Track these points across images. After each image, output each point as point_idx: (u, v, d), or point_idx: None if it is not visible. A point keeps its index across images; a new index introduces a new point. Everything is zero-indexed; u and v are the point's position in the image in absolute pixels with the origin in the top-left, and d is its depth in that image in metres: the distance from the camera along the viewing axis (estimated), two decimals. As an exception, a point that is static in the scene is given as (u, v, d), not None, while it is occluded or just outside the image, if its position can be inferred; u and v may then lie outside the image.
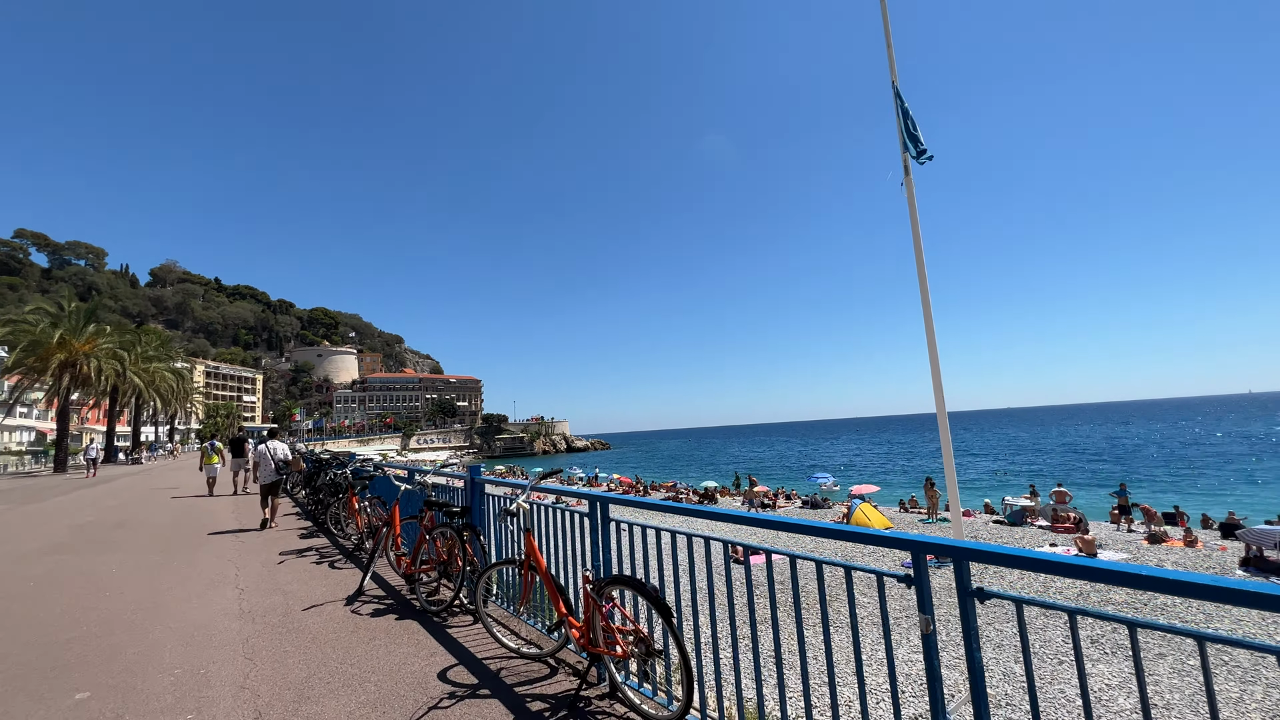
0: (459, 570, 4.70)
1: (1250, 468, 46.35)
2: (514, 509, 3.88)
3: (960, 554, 2.15)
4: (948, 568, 15.37)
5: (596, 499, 3.85)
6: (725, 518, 3.05)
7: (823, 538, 2.60)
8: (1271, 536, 14.13)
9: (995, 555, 2.13)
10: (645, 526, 3.82)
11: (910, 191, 5.81)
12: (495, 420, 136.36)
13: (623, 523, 3.95)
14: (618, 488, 40.73)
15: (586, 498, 3.88)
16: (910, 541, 2.33)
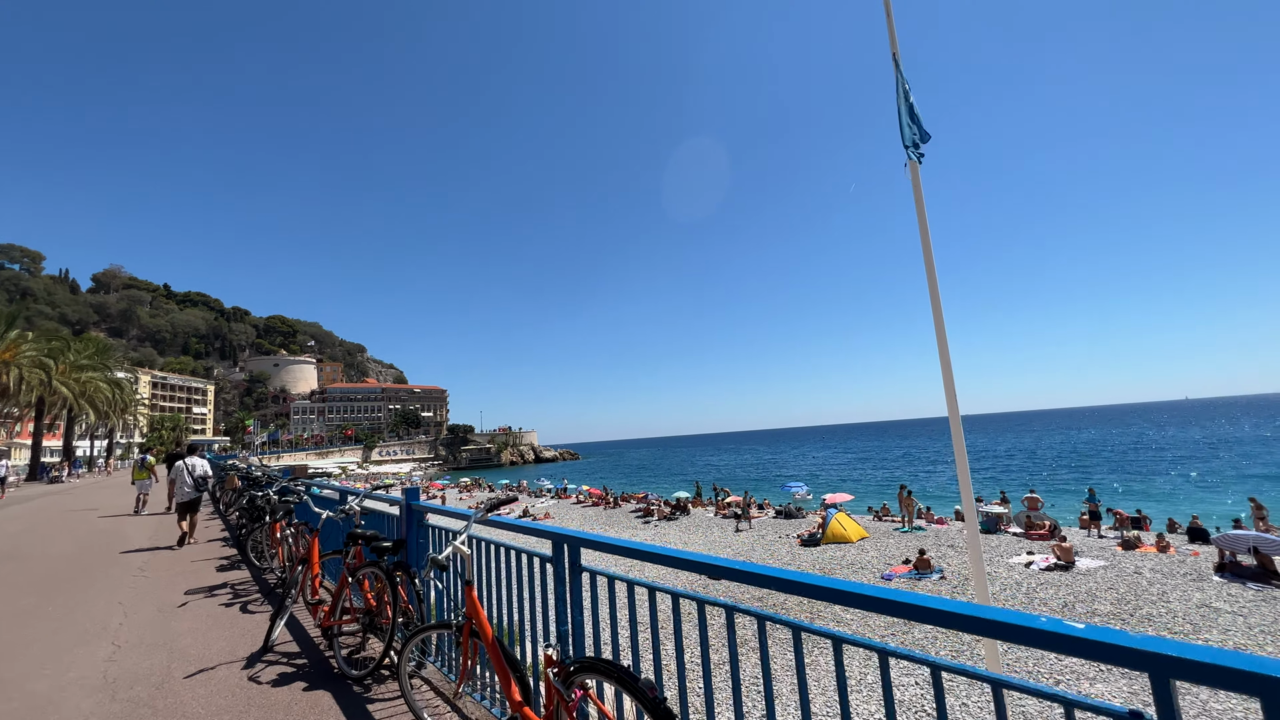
0: (388, 623, 3.70)
1: (1199, 470, 48.05)
2: (444, 559, 2.75)
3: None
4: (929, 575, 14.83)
5: (563, 540, 2.87)
6: (731, 574, 2.18)
7: (870, 611, 1.79)
8: (1245, 541, 14.07)
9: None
10: (631, 583, 2.81)
11: (915, 175, 5.10)
12: (461, 431, 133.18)
13: (598, 574, 2.94)
14: (587, 499, 39.62)
15: (550, 537, 2.92)
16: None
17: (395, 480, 75.01)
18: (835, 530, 20.47)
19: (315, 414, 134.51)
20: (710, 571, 2.04)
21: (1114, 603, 12.28)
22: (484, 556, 3.55)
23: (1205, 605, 11.80)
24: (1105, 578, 14.11)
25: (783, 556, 18.68)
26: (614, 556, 2.42)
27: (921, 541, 19.45)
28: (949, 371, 5.01)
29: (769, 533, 23.31)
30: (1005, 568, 15.48)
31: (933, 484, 49.48)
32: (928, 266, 5.09)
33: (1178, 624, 10.91)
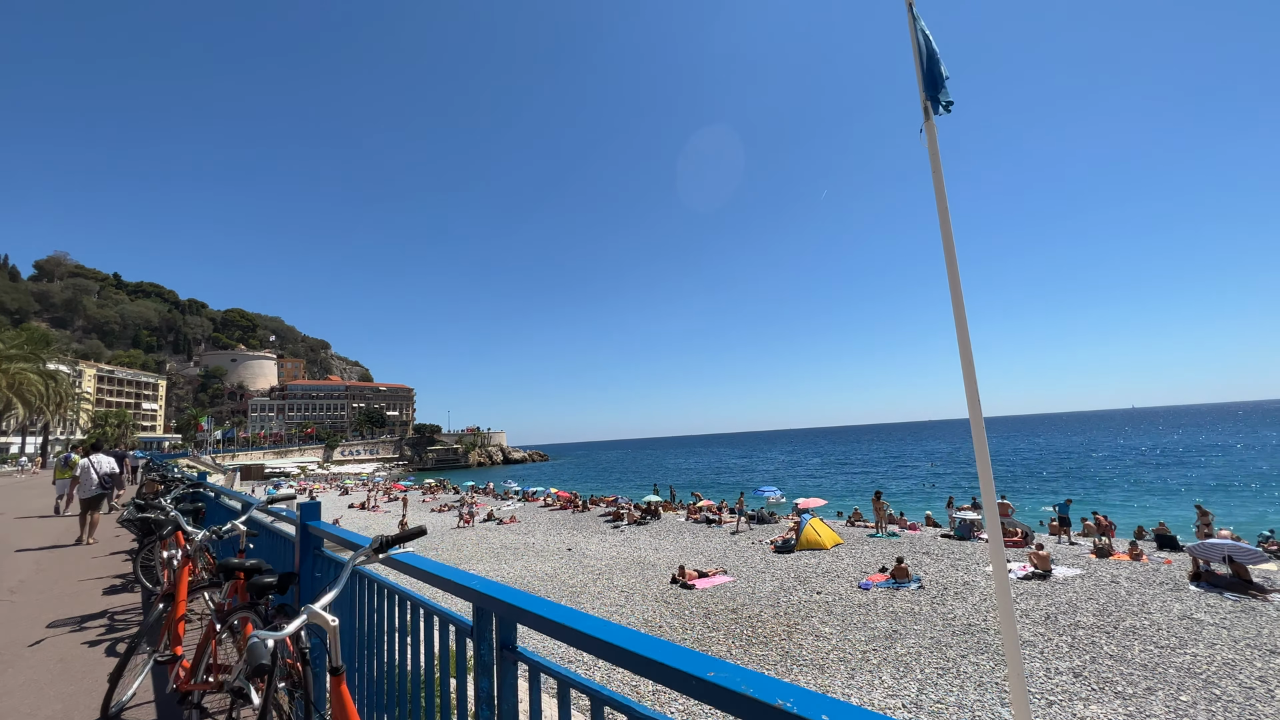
0: (263, 689, 2.55)
1: (1150, 477, 49.41)
2: (271, 646, 1.66)
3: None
4: (907, 588, 14.36)
5: (490, 605, 1.71)
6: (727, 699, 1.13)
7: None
8: (1220, 550, 13.94)
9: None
10: (596, 696, 1.40)
11: (932, 139, 4.36)
12: (428, 431, 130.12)
13: (541, 667, 1.67)
14: (555, 503, 38.53)
15: (471, 596, 1.78)
16: None
17: (356, 482, 72.51)
18: (810, 536, 19.93)
19: (275, 412, 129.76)
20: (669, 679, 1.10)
21: (1095, 614, 11.92)
22: (371, 618, 2.51)
23: (1187, 617, 11.51)
24: (1084, 587, 13.81)
25: (756, 564, 18.04)
26: (562, 634, 1.38)
27: (896, 548, 19.06)
28: (970, 368, 4.30)
29: (741, 538, 22.68)
30: (983, 576, 15.09)
31: (900, 488, 49.78)
32: (946, 244, 4.39)
33: (1162, 637, 10.56)
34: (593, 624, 1.31)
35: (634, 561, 19.49)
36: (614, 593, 15.60)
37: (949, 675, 9.37)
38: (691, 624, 12.62)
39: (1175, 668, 9.26)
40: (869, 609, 12.99)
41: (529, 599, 1.54)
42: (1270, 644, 9.99)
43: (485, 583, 1.75)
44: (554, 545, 23.54)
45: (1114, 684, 8.81)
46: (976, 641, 10.73)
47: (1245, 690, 8.43)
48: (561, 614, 1.40)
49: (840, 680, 9.38)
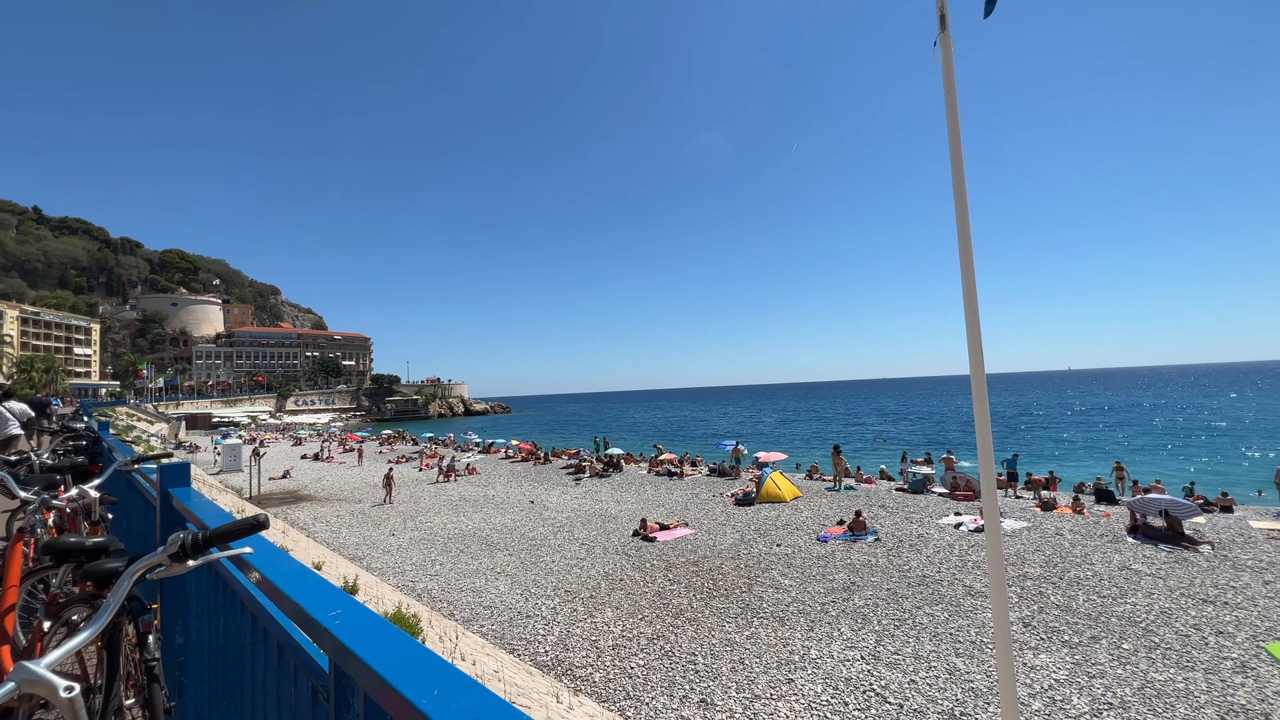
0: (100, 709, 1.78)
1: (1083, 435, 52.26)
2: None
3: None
4: (865, 539, 14.61)
5: (350, 668, 0.99)
6: None
7: None
8: (1156, 505, 14.59)
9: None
10: None
11: (946, 52, 3.80)
12: (386, 381, 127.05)
13: None
14: (516, 455, 38.18)
15: (328, 647, 1.09)
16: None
17: (311, 432, 70.46)
18: (770, 489, 20.15)
19: (222, 359, 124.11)
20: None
21: (1042, 565, 12.34)
22: (206, 642, 1.88)
23: (1126, 568, 12.01)
24: (1030, 539, 14.30)
25: (718, 516, 18.14)
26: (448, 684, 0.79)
27: (853, 501, 19.45)
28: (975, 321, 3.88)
29: (703, 491, 22.83)
30: (937, 529, 15.49)
31: (856, 442, 51.32)
32: (955, 172, 3.88)
33: (1104, 587, 10.98)
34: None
35: (595, 514, 19.37)
36: (575, 546, 15.44)
37: (905, 626, 9.51)
38: (653, 577, 12.54)
39: (1117, 617, 9.61)
40: (827, 561, 13.15)
41: (402, 650, 0.96)
42: (1202, 593, 10.48)
43: (351, 632, 1.05)
44: (515, 498, 23.24)
45: (1061, 633, 9.08)
46: (931, 593, 10.95)
47: (1181, 638, 8.80)
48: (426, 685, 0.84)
49: (800, 632, 9.41)
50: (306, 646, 1.33)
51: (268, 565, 1.39)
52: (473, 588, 12.33)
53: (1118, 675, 7.78)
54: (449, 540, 16.64)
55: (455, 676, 0.88)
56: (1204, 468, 33.17)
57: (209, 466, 35.80)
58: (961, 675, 7.91)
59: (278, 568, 1.37)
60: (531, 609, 10.93)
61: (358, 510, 21.71)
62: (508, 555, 14.80)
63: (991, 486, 3.89)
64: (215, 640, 1.94)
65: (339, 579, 9.90)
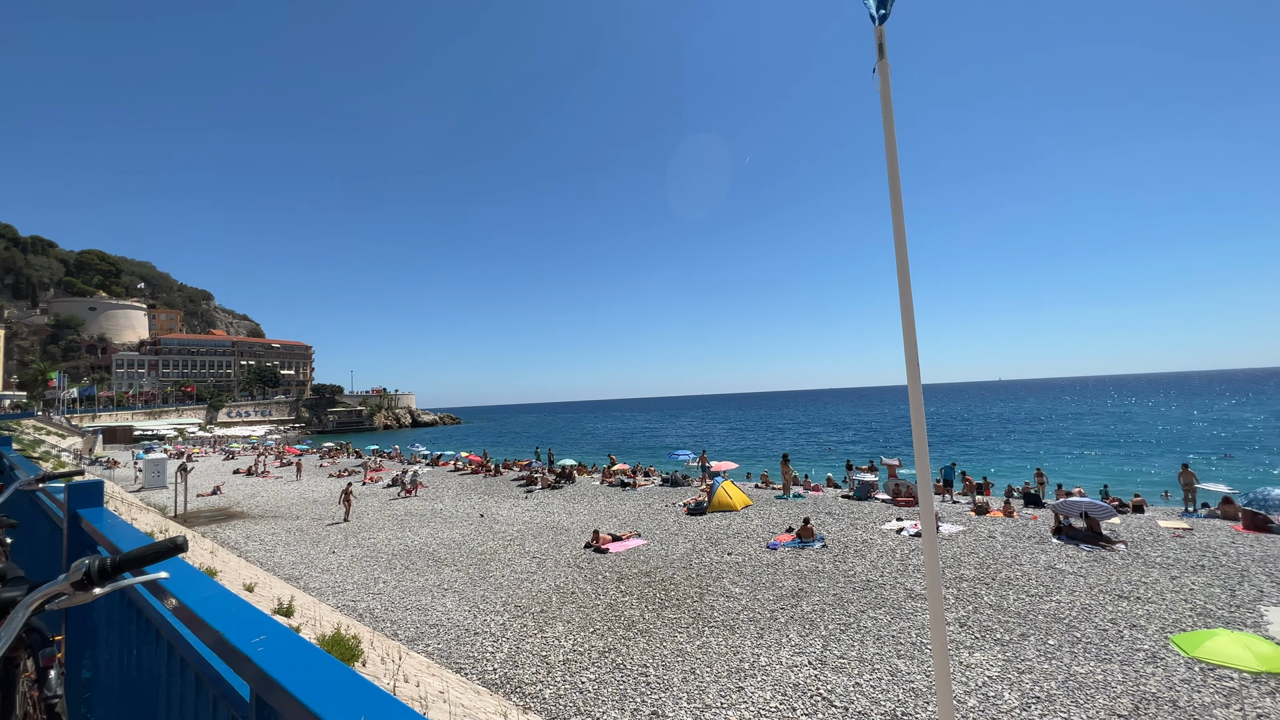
0: None
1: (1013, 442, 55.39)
2: None
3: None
4: (813, 546, 14.95)
5: (267, 706, 0.98)
6: None
7: None
8: (1077, 507, 15.57)
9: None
10: None
11: (884, 81, 3.99)
12: (328, 392, 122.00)
13: None
14: (466, 466, 37.27)
15: (250, 676, 1.00)
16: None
17: (245, 445, 66.78)
18: (721, 498, 20.39)
19: (145, 368, 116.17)
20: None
21: (976, 567, 12.93)
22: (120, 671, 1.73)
23: (1051, 567, 12.75)
24: (966, 543, 14.98)
25: (670, 526, 18.20)
26: None
27: (801, 509, 19.89)
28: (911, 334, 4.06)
29: (655, 501, 22.88)
30: (880, 534, 16.03)
31: (805, 451, 52.63)
32: (893, 195, 4.08)
33: (1032, 586, 11.60)
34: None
35: (547, 526, 19.11)
36: (525, 559, 15.16)
37: (850, 630, 9.77)
38: (605, 589, 12.45)
39: (1043, 614, 10.17)
40: (777, 568, 13.39)
41: (344, 688, 0.92)
42: (1118, 589, 11.23)
43: (287, 644, 1.02)
44: (464, 511, 22.66)
45: (993, 632, 9.53)
46: (875, 597, 11.30)
47: (1100, 632, 9.38)
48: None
49: (750, 640, 9.52)
50: (228, 676, 1.26)
51: (186, 590, 1.31)
52: (418, 605, 11.92)
53: (1044, 670, 8.21)
54: (393, 557, 16.05)
55: (385, 703, 0.86)
56: (1119, 472, 35.65)
57: (129, 484, 33.35)
58: (903, 676, 8.17)
59: (198, 593, 1.29)
60: (480, 626, 10.65)
61: (295, 527, 20.67)
62: (455, 571, 14.39)
63: (928, 493, 4.07)
64: (127, 673, 1.80)
65: (273, 601, 9.39)
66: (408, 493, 27.41)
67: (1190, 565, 12.48)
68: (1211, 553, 13.31)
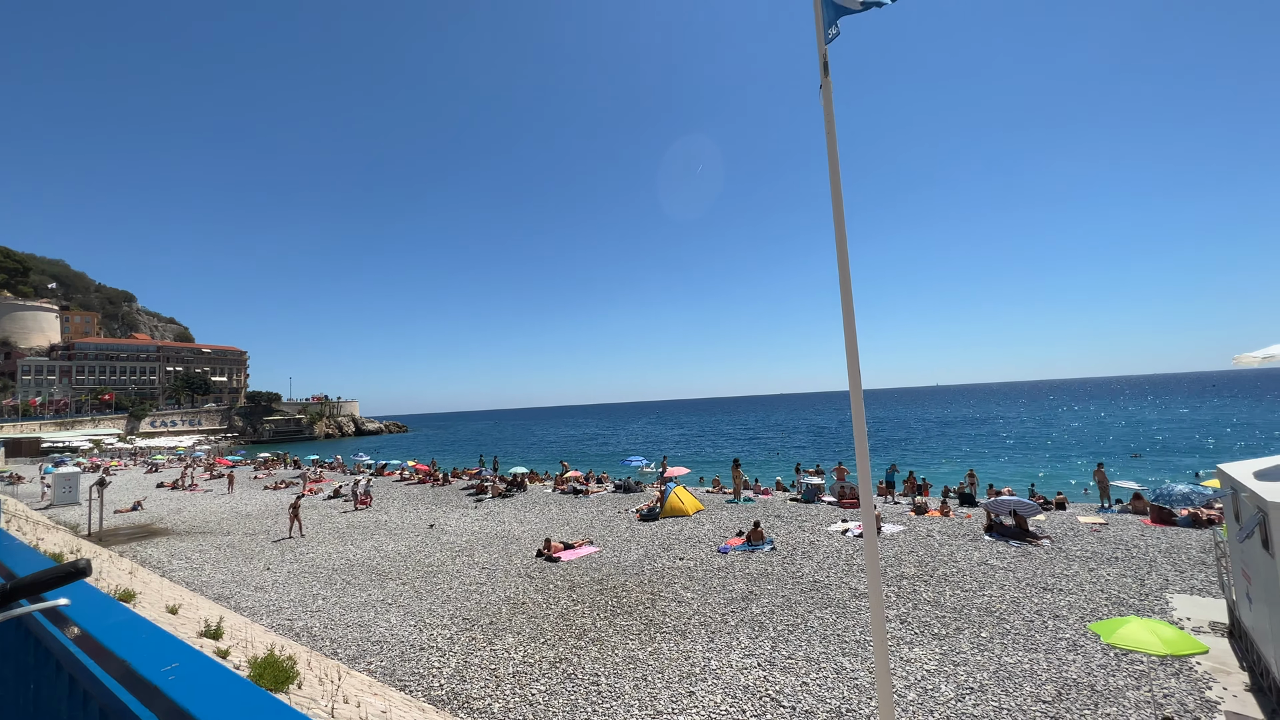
0: None
1: (949, 444, 58.15)
2: None
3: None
4: (761, 549, 15.22)
5: None
6: None
7: None
8: (1006, 505, 16.47)
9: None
10: None
11: (828, 98, 4.15)
12: (264, 399, 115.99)
13: None
14: (413, 476, 36.14)
15: (163, 711, 0.95)
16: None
17: (171, 457, 62.61)
18: (673, 504, 20.52)
19: (57, 374, 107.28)
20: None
21: (916, 565, 13.47)
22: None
23: (984, 563, 13.42)
24: (906, 542, 15.59)
25: (622, 533, 18.17)
26: None
27: (751, 513, 20.24)
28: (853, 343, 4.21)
29: (608, 508, 22.80)
30: (826, 536, 16.48)
31: (755, 457, 53.60)
32: (835, 209, 4.23)
33: (967, 582, 12.18)
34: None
35: (497, 536, 18.73)
36: (475, 570, 14.81)
37: (798, 631, 9.99)
38: (556, 598, 12.30)
39: (977, 608, 10.69)
40: (727, 572, 13.56)
41: (263, 717, 0.87)
42: (1043, 582, 11.93)
43: (202, 671, 0.95)
44: (410, 522, 21.94)
45: (932, 627, 9.94)
46: (821, 597, 11.61)
47: (1027, 623, 9.94)
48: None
49: (701, 644, 9.60)
50: (136, 709, 1.18)
51: (90, 617, 1.21)
52: (360, 622, 11.45)
53: (978, 661, 8.63)
54: (334, 572, 15.37)
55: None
56: (1045, 471, 37.92)
57: (35, 500, 30.72)
58: (848, 674, 8.41)
59: (103, 619, 1.20)
60: (426, 640, 10.32)
61: (227, 544, 19.50)
62: (400, 584, 13.91)
63: (869, 495, 4.23)
64: (23, 709, 1.66)
65: (198, 624, 8.82)
66: (361, 504, 26.24)
67: (1106, 558, 13.40)
68: (1124, 545, 14.33)
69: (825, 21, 4.28)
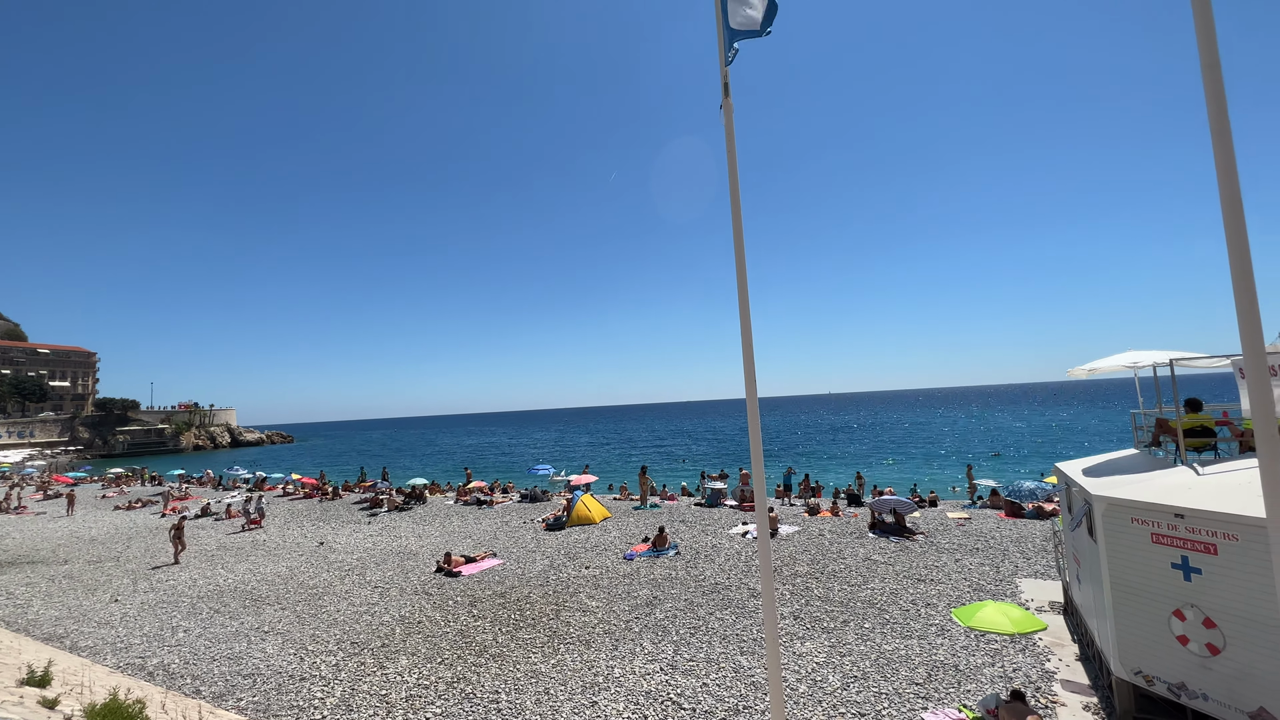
0: None
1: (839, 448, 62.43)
2: None
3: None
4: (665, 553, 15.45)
5: None
6: None
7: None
8: (887, 505, 17.91)
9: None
10: None
11: (729, 118, 4.36)
12: (117, 407, 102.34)
13: None
14: (298, 490, 33.31)
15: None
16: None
17: None
18: (580, 512, 20.40)
19: None
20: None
21: (809, 563, 14.28)
22: None
23: (868, 559, 14.48)
24: (800, 541, 16.49)
25: (527, 543, 17.80)
26: None
27: (657, 518, 20.56)
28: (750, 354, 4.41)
29: (513, 518, 22.25)
30: (727, 539, 17.07)
31: (664, 464, 54.55)
32: (735, 223, 4.43)
33: (852, 576, 13.07)
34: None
35: (393, 552, 17.69)
36: (366, 590, 13.88)
37: (700, 633, 10.25)
38: (455, 614, 11.80)
39: (861, 601, 11.50)
40: (633, 578, 13.66)
41: None
42: (918, 574, 13.06)
43: None
44: (294, 541, 20.19)
45: (822, 621, 10.57)
46: (722, 599, 11.99)
47: (903, 612, 10.83)
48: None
49: (605, 653, 9.59)
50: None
51: None
52: (229, 654, 10.35)
53: (861, 651, 9.27)
54: (198, 599, 13.80)
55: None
56: (922, 471, 41.62)
57: None
58: (745, 672, 8.74)
59: None
60: (308, 669, 9.52)
61: (63, 574, 16.95)
62: (279, 610, 12.74)
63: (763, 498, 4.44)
64: None
65: (19, 671, 7.58)
66: (252, 524, 23.55)
67: (969, 549, 14.91)
68: (984, 537, 16.02)
69: (726, 44, 4.50)
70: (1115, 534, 6.89)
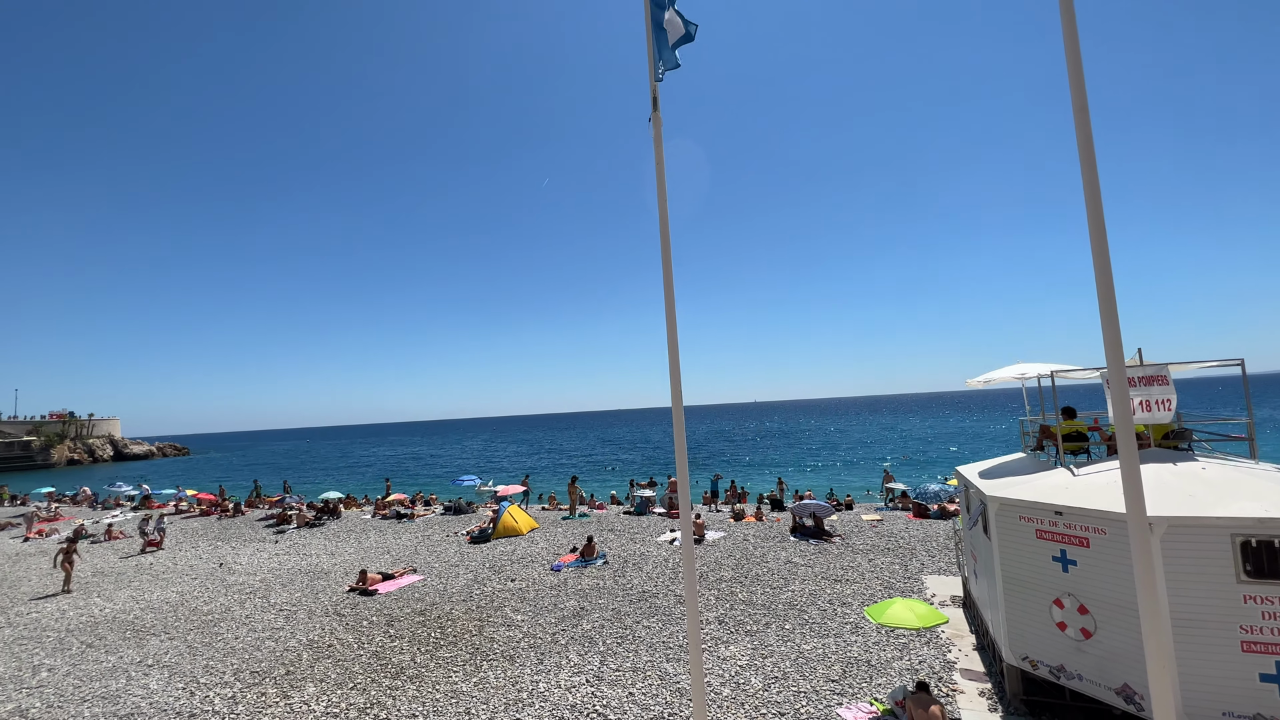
0: None
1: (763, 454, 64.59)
2: None
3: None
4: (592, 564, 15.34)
5: None
6: None
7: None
8: (807, 509, 18.68)
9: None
10: None
11: (657, 131, 4.45)
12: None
13: None
14: (193, 508, 30.51)
15: None
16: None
17: None
18: (507, 524, 19.91)
19: None
20: None
21: (734, 568, 14.62)
22: None
23: (789, 561, 15.00)
24: (725, 547, 16.85)
25: (450, 557, 17.15)
26: None
27: (586, 528, 20.40)
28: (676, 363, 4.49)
29: (435, 531, 21.40)
30: (655, 546, 17.19)
31: (595, 474, 54.28)
32: (663, 234, 4.50)
33: (774, 579, 13.50)
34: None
35: (302, 571, 16.53)
36: (270, 614, 12.88)
37: (626, 642, 10.23)
38: (370, 636, 11.17)
39: (782, 603, 11.89)
40: (560, 589, 13.47)
41: None
42: (835, 574, 13.66)
43: None
44: (186, 562, 18.43)
45: (745, 625, 10.83)
46: (649, 606, 12.04)
47: (821, 612, 11.29)
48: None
49: (530, 667, 9.37)
50: None
51: None
52: (105, 693, 9.29)
53: (782, 652, 9.57)
54: (67, 634, 12.31)
55: None
56: (839, 476, 43.71)
57: None
58: (671, 679, 8.80)
59: None
60: (198, 705, 8.69)
61: (-107, 611, 14.62)
62: (167, 640, 11.57)
63: (687, 505, 4.51)
64: None
65: None
66: (152, 545, 21.01)
67: (881, 549, 15.78)
68: (894, 537, 17.01)
69: (655, 60, 4.59)
70: (1006, 531, 7.52)
